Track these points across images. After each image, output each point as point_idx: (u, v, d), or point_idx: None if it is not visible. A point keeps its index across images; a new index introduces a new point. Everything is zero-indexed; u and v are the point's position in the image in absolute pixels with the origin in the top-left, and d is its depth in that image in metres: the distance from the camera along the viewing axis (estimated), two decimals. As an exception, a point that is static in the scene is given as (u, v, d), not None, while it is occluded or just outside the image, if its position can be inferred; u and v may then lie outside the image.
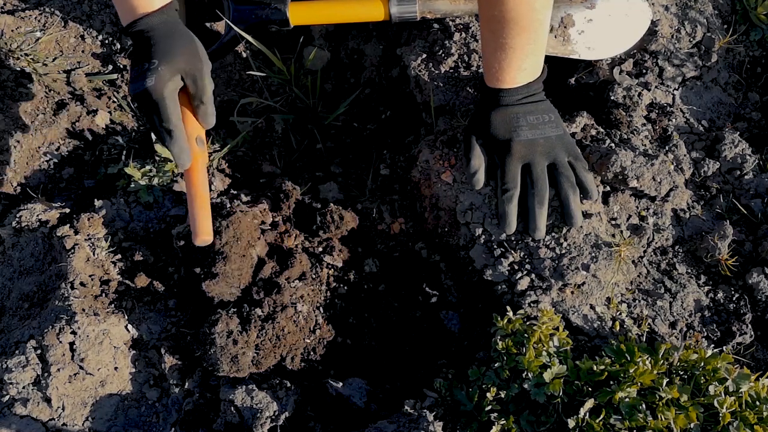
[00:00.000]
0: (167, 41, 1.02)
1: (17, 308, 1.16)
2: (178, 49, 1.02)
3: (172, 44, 1.02)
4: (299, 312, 1.10)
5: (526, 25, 1.01)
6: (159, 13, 1.04)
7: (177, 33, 1.04)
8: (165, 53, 1.01)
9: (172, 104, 1.00)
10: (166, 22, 1.04)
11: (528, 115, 1.11)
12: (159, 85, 0.98)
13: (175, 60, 1.01)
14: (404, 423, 1.00)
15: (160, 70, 0.99)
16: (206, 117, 1.06)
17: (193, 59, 1.03)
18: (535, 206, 1.08)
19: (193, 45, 1.05)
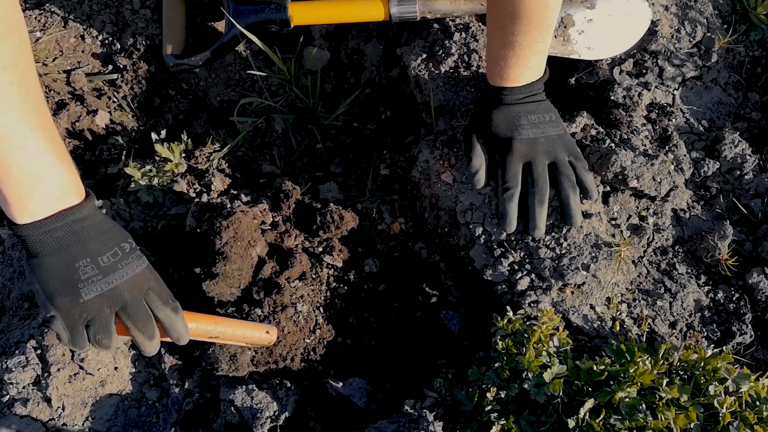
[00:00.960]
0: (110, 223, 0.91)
1: (17, 308, 1.16)
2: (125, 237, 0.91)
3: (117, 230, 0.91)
4: (299, 312, 1.10)
5: (538, 23, 1.01)
6: (90, 198, 0.90)
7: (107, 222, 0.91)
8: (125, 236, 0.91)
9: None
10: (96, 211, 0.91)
11: (530, 114, 1.11)
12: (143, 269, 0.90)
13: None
14: (404, 423, 1.00)
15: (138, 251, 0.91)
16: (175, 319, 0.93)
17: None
18: (535, 205, 1.08)
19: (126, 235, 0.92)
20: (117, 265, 0.85)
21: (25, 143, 0.79)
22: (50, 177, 0.83)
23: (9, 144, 0.78)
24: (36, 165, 0.81)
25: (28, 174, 0.81)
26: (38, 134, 0.81)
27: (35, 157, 0.81)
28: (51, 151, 0.82)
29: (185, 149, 1.32)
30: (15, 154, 0.79)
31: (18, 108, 0.78)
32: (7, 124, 0.77)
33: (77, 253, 0.84)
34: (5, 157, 0.79)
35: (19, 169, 0.80)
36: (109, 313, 0.85)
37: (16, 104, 0.77)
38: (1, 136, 0.78)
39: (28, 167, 0.81)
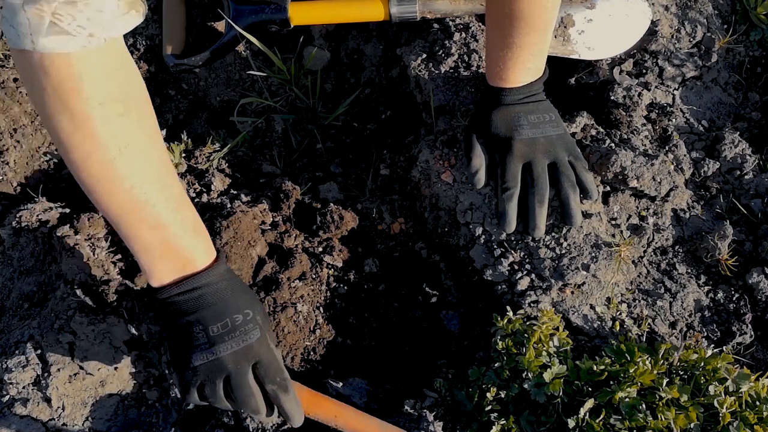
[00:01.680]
0: (240, 291, 0.92)
1: (17, 308, 1.16)
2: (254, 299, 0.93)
3: (246, 294, 0.93)
4: (299, 312, 1.10)
5: (537, 25, 1.01)
6: (221, 255, 0.93)
7: (240, 284, 0.93)
8: (253, 299, 0.92)
9: (279, 355, 0.93)
10: (228, 273, 0.93)
11: (529, 114, 1.11)
12: (264, 337, 0.89)
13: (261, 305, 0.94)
14: (404, 423, 1.00)
15: (259, 321, 0.90)
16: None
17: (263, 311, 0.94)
18: (535, 205, 1.08)
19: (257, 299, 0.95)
20: (224, 336, 0.86)
21: (149, 216, 0.83)
22: (174, 247, 0.86)
23: (133, 217, 0.83)
24: (159, 236, 0.85)
25: (154, 244, 0.85)
26: (162, 206, 0.84)
27: (159, 229, 0.84)
28: (176, 222, 0.86)
29: (185, 149, 1.32)
30: (139, 227, 0.84)
31: (141, 184, 0.81)
32: (131, 200, 0.81)
33: (193, 319, 0.87)
34: (131, 231, 0.84)
35: (145, 240, 0.84)
36: (217, 381, 0.86)
37: (139, 181, 0.81)
38: (126, 210, 0.82)
39: (153, 238, 0.85)
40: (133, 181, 0.81)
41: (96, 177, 0.79)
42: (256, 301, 0.92)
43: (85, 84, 0.74)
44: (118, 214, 0.83)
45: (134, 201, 0.82)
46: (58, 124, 0.76)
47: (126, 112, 0.79)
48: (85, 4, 0.70)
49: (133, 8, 0.77)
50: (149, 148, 0.83)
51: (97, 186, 0.80)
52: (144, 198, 0.82)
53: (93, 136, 0.76)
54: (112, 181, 0.80)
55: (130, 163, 0.80)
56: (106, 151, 0.77)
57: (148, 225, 0.84)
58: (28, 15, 0.69)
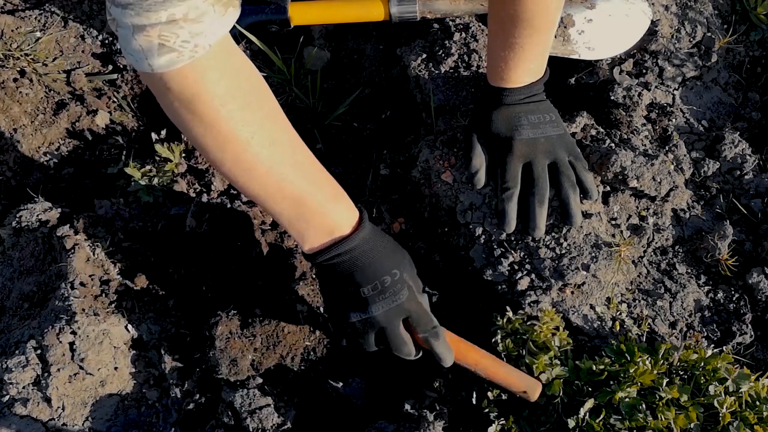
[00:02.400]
0: (392, 246, 0.99)
1: (17, 308, 1.16)
2: (404, 252, 1.00)
3: (396, 247, 1.00)
4: (299, 312, 1.10)
5: (539, 26, 1.01)
6: (364, 221, 0.97)
7: (385, 242, 0.99)
8: (400, 259, 0.98)
9: (427, 305, 0.99)
10: (373, 228, 0.99)
11: (530, 114, 1.11)
12: (413, 296, 0.96)
13: (410, 264, 1.00)
14: (404, 423, 1.00)
15: (406, 280, 0.96)
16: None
17: (410, 266, 1.00)
18: (535, 205, 1.08)
19: (404, 253, 1.01)
20: (376, 297, 0.94)
21: (289, 193, 0.91)
22: (318, 216, 0.93)
23: (276, 196, 0.91)
24: (302, 209, 0.92)
25: (300, 216, 0.93)
26: (299, 182, 0.91)
27: (301, 203, 0.92)
28: (315, 193, 0.93)
29: (185, 149, 1.32)
30: (282, 204, 0.92)
31: (276, 166, 0.89)
32: (270, 182, 0.89)
33: (347, 281, 0.95)
34: (277, 208, 0.92)
35: (290, 214, 0.92)
36: (371, 333, 0.96)
37: (273, 163, 0.88)
38: (270, 192, 0.90)
39: (297, 211, 0.92)
40: (268, 165, 0.88)
41: (235, 168, 0.88)
42: (402, 258, 0.99)
43: (202, 90, 0.81)
44: (263, 197, 0.91)
45: (273, 182, 0.89)
46: (192, 130, 0.85)
47: (246, 105, 0.85)
48: (185, 20, 0.75)
49: (230, 6, 0.81)
50: (275, 131, 0.90)
51: (238, 176, 0.89)
52: (281, 178, 0.89)
53: (222, 133, 0.84)
54: (249, 169, 0.88)
55: (261, 150, 0.87)
56: (237, 144, 0.85)
57: (290, 201, 0.91)
58: (140, 42, 0.75)
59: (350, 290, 0.94)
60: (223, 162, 0.87)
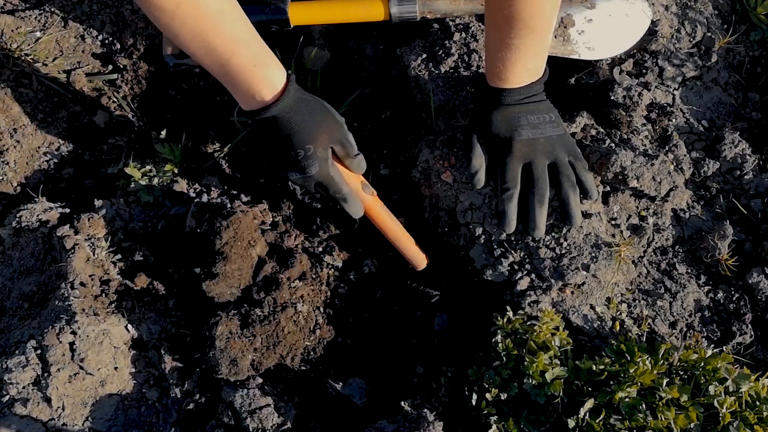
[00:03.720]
0: (308, 122, 1.06)
1: (17, 308, 1.16)
2: (322, 126, 1.07)
3: (314, 123, 1.06)
4: (299, 312, 1.10)
5: (535, 26, 1.01)
6: (286, 94, 1.05)
7: (311, 109, 1.07)
8: (313, 136, 1.06)
9: (338, 177, 1.09)
10: (296, 101, 1.06)
11: (529, 114, 1.11)
12: (323, 169, 1.06)
13: (323, 138, 1.07)
14: (404, 423, 1.00)
15: (318, 155, 1.06)
16: (359, 167, 1.13)
17: (335, 128, 1.09)
18: (535, 205, 1.08)
19: (328, 113, 1.09)
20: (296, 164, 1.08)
21: (214, 60, 1.01)
22: (240, 84, 1.03)
23: (204, 62, 1.02)
24: (226, 77, 1.03)
25: (226, 82, 1.04)
26: (221, 51, 1.00)
27: (225, 72, 1.02)
28: (235, 61, 1.01)
29: (185, 149, 1.32)
30: (212, 68, 1.02)
31: (200, 34, 0.98)
32: (196, 50, 1.00)
33: (272, 141, 1.08)
34: (212, 71, 1.03)
35: (220, 78, 1.04)
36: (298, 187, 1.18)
37: (196, 33, 0.98)
38: (200, 60, 1.01)
39: (223, 78, 1.04)
40: (192, 33, 0.97)
41: (167, 33, 0.99)
42: (319, 129, 1.07)
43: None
44: (199, 60, 1.02)
45: (197, 48, 0.99)
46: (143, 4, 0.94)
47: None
48: None
49: None
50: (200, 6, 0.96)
51: (173, 38, 0.99)
52: (205, 45, 0.99)
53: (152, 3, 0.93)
54: (176, 36, 0.98)
55: (185, 20, 0.96)
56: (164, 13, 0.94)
57: (217, 67, 1.01)
58: None
59: (274, 150, 1.08)
60: (159, 26, 0.98)
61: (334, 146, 1.09)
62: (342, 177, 1.10)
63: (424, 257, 1.18)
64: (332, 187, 1.09)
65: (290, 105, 1.05)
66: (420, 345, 1.15)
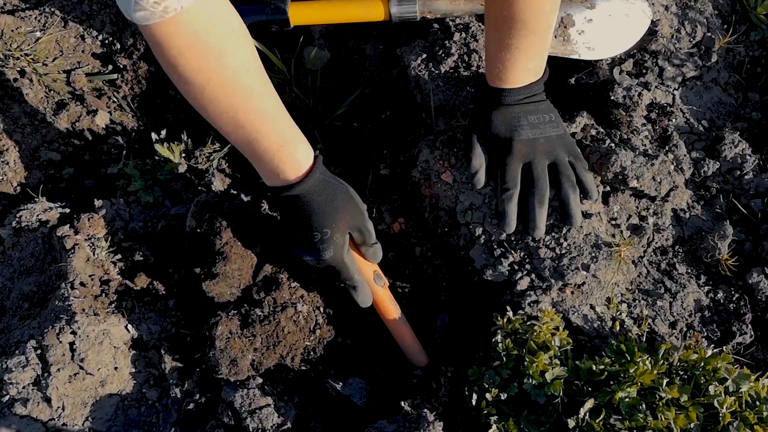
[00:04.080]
0: (330, 206, 1.04)
1: (17, 308, 1.16)
2: (342, 212, 1.05)
3: (335, 207, 1.05)
4: (299, 312, 1.10)
5: (534, 27, 1.01)
6: (311, 175, 1.03)
7: (334, 193, 1.06)
8: (332, 220, 1.04)
9: (351, 264, 1.07)
10: (320, 183, 1.05)
11: (529, 114, 1.11)
12: (338, 255, 1.04)
13: (343, 224, 1.05)
14: (404, 423, 1.00)
15: (335, 240, 1.04)
16: (375, 256, 1.11)
17: (356, 214, 1.07)
18: (535, 205, 1.08)
19: (351, 199, 1.07)
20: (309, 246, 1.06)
21: (240, 137, 1.00)
22: (265, 163, 1.03)
23: (231, 137, 1.01)
24: (251, 153, 1.03)
25: (252, 159, 1.04)
26: (248, 128, 0.99)
27: (251, 149, 1.02)
28: (261, 140, 1.00)
29: (185, 149, 1.32)
30: (238, 144, 1.02)
31: (227, 110, 0.97)
32: (223, 125, 0.99)
33: (291, 220, 1.08)
34: (238, 146, 1.03)
35: (246, 154, 1.04)
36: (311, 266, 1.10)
37: (224, 109, 0.97)
38: (227, 134, 1.01)
39: (249, 154, 1.04)
40: (220, 109, 0.96)
41: (196, 106, 0.98)
42: (336, 215, 1.05)
43: (173, 44, 0.89)
44: (225, 135, 1.01)
45: (225, 124, 0.98)
46: (166, 71, 0.94)
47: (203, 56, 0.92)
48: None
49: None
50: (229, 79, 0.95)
51: (201, 113, 0.99)
52: (233, 122, 0.98)
53: (181, 77, 0.93)
54: (203, 109, 0.97)
55: (214, 96, 0.95)
56: (193, 87, 0.94)
57: (243, 144, 1.01)
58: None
59: (292, 229, 1.08)
60: (188, 98, 0.97)
61: (352, 232, 1.07)
62: (355, 264, 1.08)
63: (425, 357, 1.14)
64: (344, 273, 1.06)
65: (314, 187, 1.04)
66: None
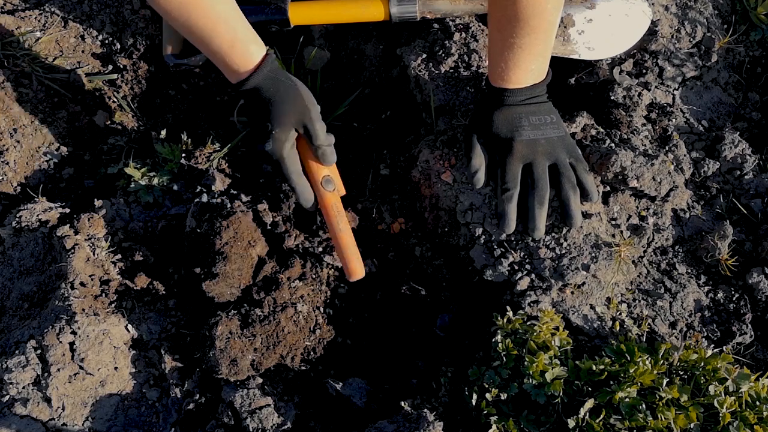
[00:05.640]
0: (276, 98, 1.10)
1: (17, 308, 1.16)
2: (288, 105, 1.10)
3: (281, 101, 1.10)
4: (299, 312, 1.10)
5: (537, 26, 1.01)
6: (259, 71, 1.10)
7: (283, 87, 1.11)
8: (277, 114, 1.10)
9: (290, 161, 1.11)
10: (270, 78, 1.11)
11: (531, 115, 1.11)
12: (276, 148, 1.10)
13: (286, 118, 1.10)
14: (404, 423, 1.00)
15: (275, 134, 1.09)
16: (325, 158, 1.14)
17: (302, 110, 1.11)
18: (535, 206, 1.08)
19: (299, 95, 1.12)
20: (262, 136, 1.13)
21: (197, 37, 1.08)
22: (220, 60, 1.10)
23: (191, 37, 1.09)
24: (209, 52, 1.10)
25: (209, 56, 1.11)
26: (203, 29, 1.06)
27: (207, 49, 1.09)
28: (214, 38, 1.07)
29: (185, 149, 1.32)
30: (197, 44, 1.09)
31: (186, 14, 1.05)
32: (182, 26, 1.06)
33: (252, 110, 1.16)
34: (196, 45, 1.10)
35: (204, 52, 1.11)
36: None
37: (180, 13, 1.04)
38: (187, 34, 1.09)
39: (206, 52, 1.10)
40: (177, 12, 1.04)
41: (158, 10, 1.05)
42: (281, 108, 1.10)
43: None
44: (185, 34, 1.09)
45: (182, 25, 1.06)
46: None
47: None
48: None
49: None
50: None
51: (164, 15, 1.06)
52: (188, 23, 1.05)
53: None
54: (165, 12, 1.05)
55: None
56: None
57: (200, 43, 1.09)
58: None
59: (250, 122, 1.17)
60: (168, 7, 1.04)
61: (298, 129, 1.12)
62: (297, 164, 1.13)
63: (361, 271, 1.11)
64: (283, 170, 1.12)
65: (262, 81, 1.10)
66: (420, 345, 1.15)
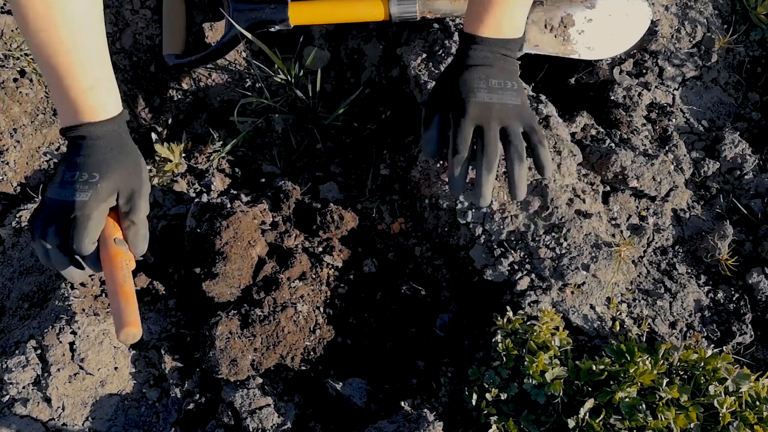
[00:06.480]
0: (111, 155, 0.97)
1: (17, 308, 1.16)
2: (121, 166, 0.97)
3: (116, 159, 0.97)
4: (299, 312, 1.10)
5: None
6: (109, 123, 0.98)
7: (122, 148, 0.99)
8: (107, 169, 0.95)
9: (96, 225, 0.93)
10: (113, 134, 0.98)
11: (491, 78, 1.06)
12: (93, 203, 0.93)
13: (115, 177, 0.95)
14: (404, 423, 1.00)
15: (99, 187, 0.94)
16: (136, 239, 0.96)
17: (133, 178, 0.98)
18: (483, 171, 1.01)
19: (137, 164, 0.99)
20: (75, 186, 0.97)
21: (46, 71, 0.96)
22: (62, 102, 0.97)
23: (41, 69, 0.97)
24: (53, 89, 0.97)
25: (52, 93, 0.99)
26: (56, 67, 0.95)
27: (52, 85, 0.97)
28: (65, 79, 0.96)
29: (185, 149, 1.32)
30: (45, 77, 0.97)
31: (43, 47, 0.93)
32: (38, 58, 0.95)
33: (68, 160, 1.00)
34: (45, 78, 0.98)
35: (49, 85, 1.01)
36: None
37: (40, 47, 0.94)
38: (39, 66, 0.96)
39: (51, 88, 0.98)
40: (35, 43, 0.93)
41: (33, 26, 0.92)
42: (108, 168, 0.97)
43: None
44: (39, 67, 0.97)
45: (39, 58, 0.95)
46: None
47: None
48: None
49: None
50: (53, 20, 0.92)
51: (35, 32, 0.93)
52: (45, 57, 0.94)
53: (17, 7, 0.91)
54: (28, 42, 0.94)
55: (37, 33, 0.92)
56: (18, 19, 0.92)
57: (48, 78, 0.96)
58: None
59: (59, 172, 0.98)
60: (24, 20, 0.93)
61: (120, 197, 0.96)
62: (98, 229, 0.93)
63: (138, 327, 0.87)
64: (81, 230, 0.91)
65: (107, 134, 0.98)
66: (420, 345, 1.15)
